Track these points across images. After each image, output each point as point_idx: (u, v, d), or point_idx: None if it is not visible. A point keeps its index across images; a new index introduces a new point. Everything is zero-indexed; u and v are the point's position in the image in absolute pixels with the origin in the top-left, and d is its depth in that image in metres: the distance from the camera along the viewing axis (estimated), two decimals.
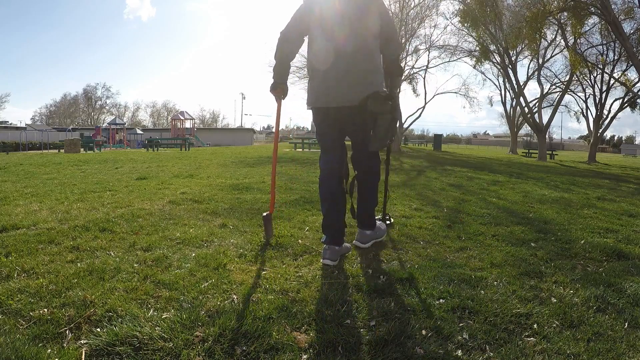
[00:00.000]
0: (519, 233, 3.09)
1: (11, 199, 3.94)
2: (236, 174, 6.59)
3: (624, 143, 66.61)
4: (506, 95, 30.47)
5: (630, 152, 44.78)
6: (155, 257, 2.21)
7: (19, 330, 1.46)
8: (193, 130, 36.56)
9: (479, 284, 2.01)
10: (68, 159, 10.77)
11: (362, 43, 2.28)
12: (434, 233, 2.99)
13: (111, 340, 1.39)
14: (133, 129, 38.90)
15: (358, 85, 2.27)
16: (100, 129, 31.42)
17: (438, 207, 4.04)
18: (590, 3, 13.84)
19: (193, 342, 1.41)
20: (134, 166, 8.19)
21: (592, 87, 22.66)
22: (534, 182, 6.97)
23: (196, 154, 14.10)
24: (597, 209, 4.37)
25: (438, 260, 2.38)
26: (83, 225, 2.86)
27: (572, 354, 1.43)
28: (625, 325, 1.65)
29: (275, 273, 2.07)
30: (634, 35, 17.69)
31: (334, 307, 1.70)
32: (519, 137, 40.22)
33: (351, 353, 1.39)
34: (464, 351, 1.43)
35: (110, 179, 5.77)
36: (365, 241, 2.54)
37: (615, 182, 8.17)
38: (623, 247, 2.78)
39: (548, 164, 15.57)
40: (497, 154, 25.83)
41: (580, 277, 2.15)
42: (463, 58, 23.21)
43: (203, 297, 1.75)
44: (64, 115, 65.09)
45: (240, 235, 2.74)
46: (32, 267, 2.04)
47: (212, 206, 3.68)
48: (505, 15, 18.82)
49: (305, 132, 66.03)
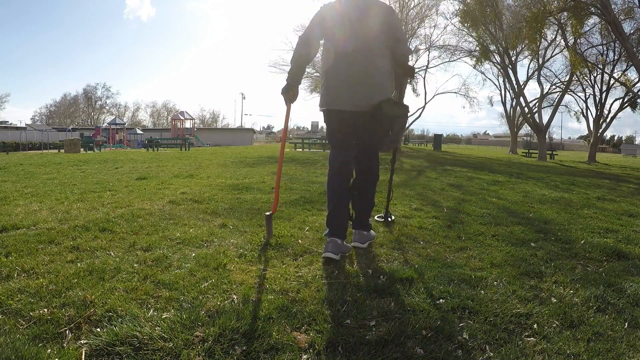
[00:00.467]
0: (519, 233, 3.09)
1: (11, 199, 3.94)
2: (236, 174, 6.59)
3: (624, 143, 66.60)
4: (506, 95, 30.49)
5: (630, 152, 44.78)
6: (155, 257, 2.21)
7: (19, 330, 1.46)
8: (193, 130, 36.56)
9: (479, 284, 2.01)
10: (68, 159, 10.77)
11: (372, 47, 2.37)
12: (434, 233, 2.99)
13: (111, 340, 1.39)
14: (133, 129, 38.89)
15: (372, 91, 2.38)
16: (100, 129, 31.40)
17: (438, 207, 4.04)
18: (590, 3, 13.84)
19: (193, 342, 1.41)
20: (134, 166, 8.19)
21: (592, 87, 22.67)
22: (534, 182, 6.97)
23: (196, 154, 14.11)
24: (597, 209, 4.37)
25: (438, 260, 2.38)
26: (83, 225, 2.86)
27: (572, 354, 1.43)
28: (625, 325, 1.65)
29: (275, 273, 2.07)
30: (634, 35, 17.68)
31: (334, 307, 1.70)
32: (519, 137, 40.22)
33: (351, 353, 1.39)
34: (464, 351, 1.43)
35: (110, 179, 5.78)
36: (364, 241, 2.58)
37: (615, 182, 8.18)
38: (623, 247, 2.78)
39: (548, 164, 15.57)
40: (497, 154, 25.83)
41: (580, 277, 2.15)
42: (463, 58, 23.24)
43: (203, 297, 1.75)
44: (64, 115, 65.08)
45: (240, 235, 2.74)
46: (32, 267, 2.04)
47: (212, 206, 3.68)
48: (505, 15, 18.83)
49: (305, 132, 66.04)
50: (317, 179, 6.03)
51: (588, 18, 16.44)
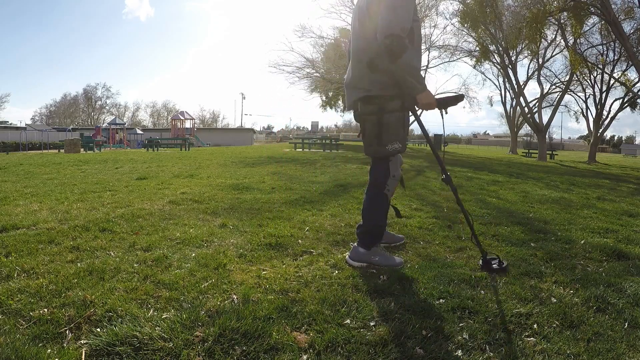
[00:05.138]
0: (519, 233, 3.09)
1: (11, 199, 3.94)
2: (236, 174, 6.59)
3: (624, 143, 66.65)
4: (506, 95, 30.53)
5: (630, 152, 44.81)
6: (155, 257, 2.21)
7: (19, 330, 1.46)
8: (193, 130, 36.54)
9: (479, 284, 2.01)
10: (68, 159, 10.76)
11: (357, 42, 2.22)
12: (434, 233, 2.99)
13: (111, 340, 1.39)
14: (133, 129, 38.86)
15: (350, 90, 2.26)
16: (100, 129, 31.37)
17: (438, 207, 4.04)
18: (590, 3, 13.84)
19: (193, 342, 1.41)
20: (134, 166, 8.19)
21: (592, 87, 22.69)
22: (534, 182, 6.97)
23: (196, 154, 14.10)
24: (597, 209, 4.37)
25: (438, 260, 2.38)
26: (83, 225, 2.86)
27: (572, 354, 1.43)
28: (625, 325, 1.65)
29: (275, 273, 2.07)
30: (634, 35, 17.70)
31: (334, 307, 1.70)
32: (519, 137, 40.25)
33: (351, 353, 1.39)
34: (464, 351, 1.43)
35: (110, 179, 5.77)
36: (353, 258, 2.25)
37: (615, 182, 8.17)
38: (623, 247, 2.77)
39: (548, 164, 15.57)
40: (497, 154, 25.82)
41: (580, 277, 2.15)
42: (463, 58, 23.27)
43: (203, 297, 1.75)
44: (64, 115, 65.09)
45: (240, 235, 2.74)
46: (32, 267, 2.04)
47: (212, 206, 3.68)
48: (505, 15, 18.83)
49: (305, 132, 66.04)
50: (317, 179, 6.03)
51: (588, 18, 16.46)
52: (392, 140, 2.16)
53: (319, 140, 20.87)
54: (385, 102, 2.13)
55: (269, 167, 8.01)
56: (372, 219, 2.26)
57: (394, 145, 2.17)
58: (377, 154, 2.24)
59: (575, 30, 16.29)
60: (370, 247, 2.23)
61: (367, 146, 2.25)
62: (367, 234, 2.26)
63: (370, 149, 2.24)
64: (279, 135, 69.59)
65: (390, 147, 2.17)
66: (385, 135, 2.16)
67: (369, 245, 2.23)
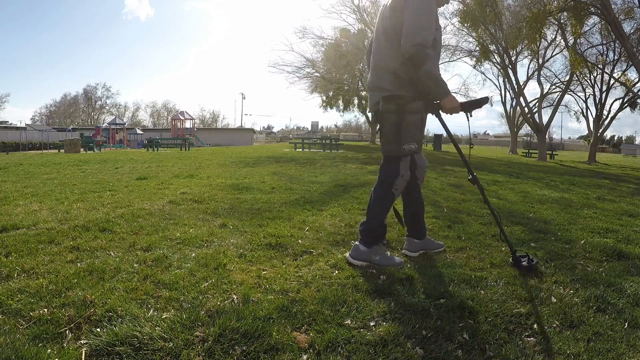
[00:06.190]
0: (519, 233, 3.09)
1: (11, 199, 3.94)
2: (236, 174, 6.59)
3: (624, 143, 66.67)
4: (506, 95, 30.47)
5: (630, 152, 44.82)
6: (155, 257, 2.21)
7: (19, 330, 1.46)
8: (193, 130, 36.52)
9: (479, 284, 2.01)
10: (68, 159, 10.76)
11: (379, 45, 2.28)
12: (434, 233, 2.99)
13: (111, 340, 1.39)
14: (133, 129, 38.83)
15: (372, 92, 2.31)
16: (100, 129, 31.35)
17: (438, 207, 4.04)
18: (590, 3, 13.84)
19: (193, 342, 1.41)
20: (134, 166, 8.19)
21: (592, 87, 22.69)
22: (534, 182, 6.97)
23: (196, 154, 14.10)
24: (597, 209, 4.37)
25: (438, 260, 2.38)
26: (83, 225, 2.86)
27: (572, 354, 1.43)
28: (625, 325, 1.65)
29: (275, 273, 2.07)
30: (634, 35, 17.70)
31: (334, 307, 1.70)
32: (519, 137, 40.21)
33: (351, 353, 1.39)
34: (464, 351, 1.43)
35: (110, 179, 5.77)
36: (353, 256, 2.26)
37: (615, 182, 8.17)
38: (623, 247, 2.77)
39: (548, 164, 15.57)
40: (497, 154, 25.81)
41: (580, 277, 2.15)
42: (463, 58, 23.27)
43: (203, 297, 1.75)
44: (64, 115, 65.09)
45: (240, 235, 2.74)
46: (32, 267, 2.04)
47: (212, 206, 3.68)
48: (505, 15, 18.82)
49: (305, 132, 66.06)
50: (317, 179, 6.03)
51: (588, 18, 16.47)
52: (409, 140, 2.21)
53: (319, 140, 20.88)
54: (407, 102, 2.18)
55: (269, 167, 8.01)
56: (376, 217, 2.28)
57: (410, 146, 2.22)
58: (392, 153, 2.26)
59: (575, 30, 16.29)
60: (371, 245, 2.25)
61: (384, 144, 2.29)
62: (370, 231, 2.27)
63: (387, 147, 2.27)
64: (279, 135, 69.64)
65: (407, 147, 2.22)
66: (403, 134, 2.20)
67: (370, 243, 2.25)
